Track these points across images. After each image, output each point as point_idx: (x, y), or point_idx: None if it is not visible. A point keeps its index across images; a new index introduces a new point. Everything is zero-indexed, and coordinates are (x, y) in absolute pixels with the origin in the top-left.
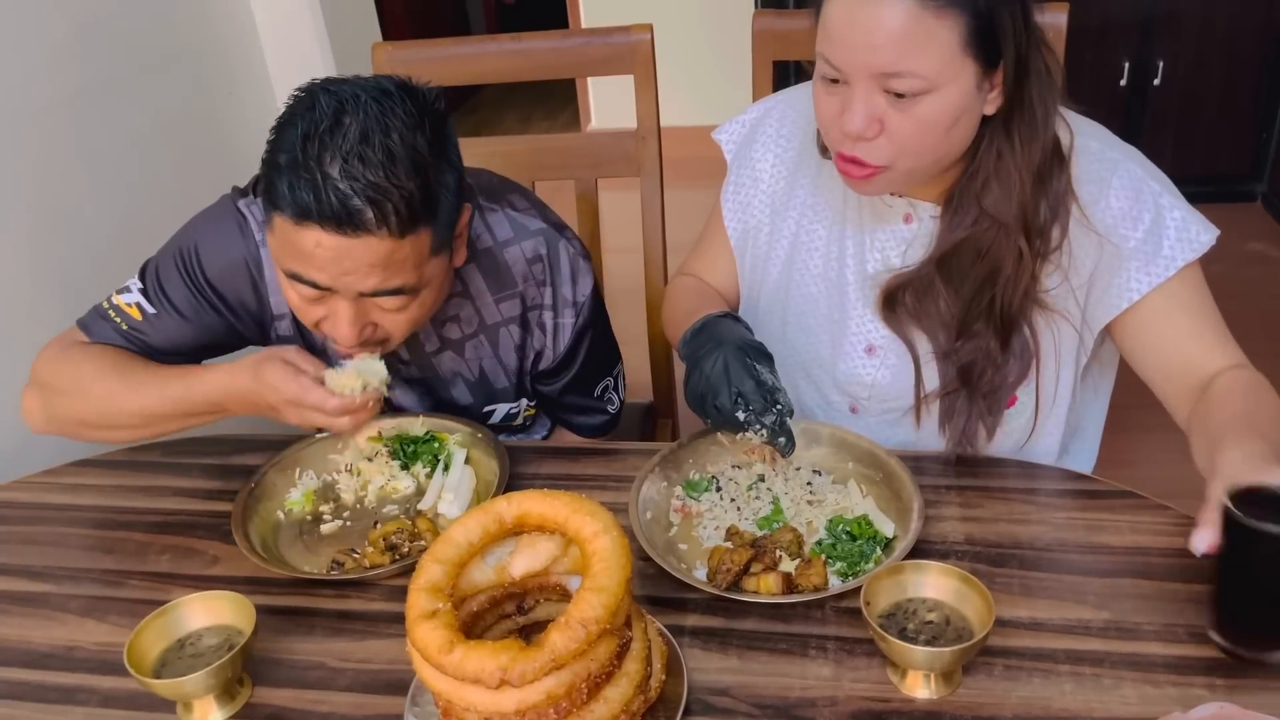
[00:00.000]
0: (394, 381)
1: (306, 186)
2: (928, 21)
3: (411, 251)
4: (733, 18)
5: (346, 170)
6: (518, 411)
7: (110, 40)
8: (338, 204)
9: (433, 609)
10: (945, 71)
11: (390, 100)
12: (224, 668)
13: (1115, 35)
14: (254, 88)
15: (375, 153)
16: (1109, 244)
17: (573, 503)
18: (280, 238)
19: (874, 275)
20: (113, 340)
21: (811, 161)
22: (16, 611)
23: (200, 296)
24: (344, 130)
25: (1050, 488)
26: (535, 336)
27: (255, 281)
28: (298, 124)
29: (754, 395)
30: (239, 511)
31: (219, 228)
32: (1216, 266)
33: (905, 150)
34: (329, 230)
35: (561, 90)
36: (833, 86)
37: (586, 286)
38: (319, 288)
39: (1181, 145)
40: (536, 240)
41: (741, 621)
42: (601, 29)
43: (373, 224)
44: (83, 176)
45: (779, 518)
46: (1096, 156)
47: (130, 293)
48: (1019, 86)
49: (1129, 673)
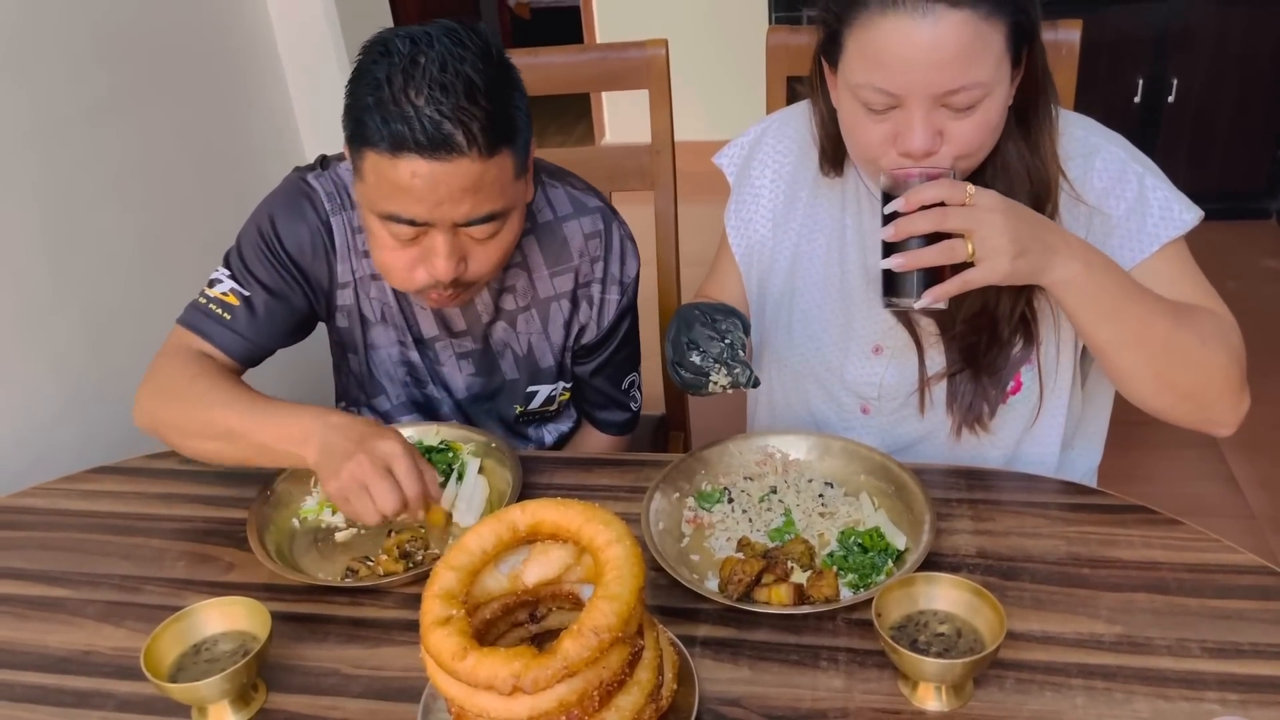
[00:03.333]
0: (446, 356)
1: (398, 118)
2: (982, 29)
3: (498, 174)
4: (747, 33)
5: (433, 98)
6: (555, 394)
7: (130, 53)
8: (432, 129)
9: (446, 616)
10: (997, 74)
11: (459, 35)
12: (239, 673)
13: (1129, 52)
14: (272, 100)
15: (455, 81)
16: (1097, 215)
17: (586, 512)
18: (375, 178)
19: (878, 272)
20: (223, 336)
21: (809, 175)
22: (34, 616)
23: (282, 270)
24: (422, 66)
25: (1062, 501)
26: (582, 310)
27: (326, 250)
28: (376, 67)
29: (702, 337)
30: (255, 518)
31: (290, 204)
32: (1231, 284)
33: (966, 153)
34: (425, 157)
35: (577, 105)
36: (877, 115)
37: (634, 268)
38: (416, 224)
39: (1195, 162)
40: (594, 217)
41: (753, 632)
42: (617, 44)
43: (463, 145)
44: (103, 187)
45: (791, 529)
46: (1082, 141)
47: (221, 282)
48: (1041, 76)
49: (1141, 687)
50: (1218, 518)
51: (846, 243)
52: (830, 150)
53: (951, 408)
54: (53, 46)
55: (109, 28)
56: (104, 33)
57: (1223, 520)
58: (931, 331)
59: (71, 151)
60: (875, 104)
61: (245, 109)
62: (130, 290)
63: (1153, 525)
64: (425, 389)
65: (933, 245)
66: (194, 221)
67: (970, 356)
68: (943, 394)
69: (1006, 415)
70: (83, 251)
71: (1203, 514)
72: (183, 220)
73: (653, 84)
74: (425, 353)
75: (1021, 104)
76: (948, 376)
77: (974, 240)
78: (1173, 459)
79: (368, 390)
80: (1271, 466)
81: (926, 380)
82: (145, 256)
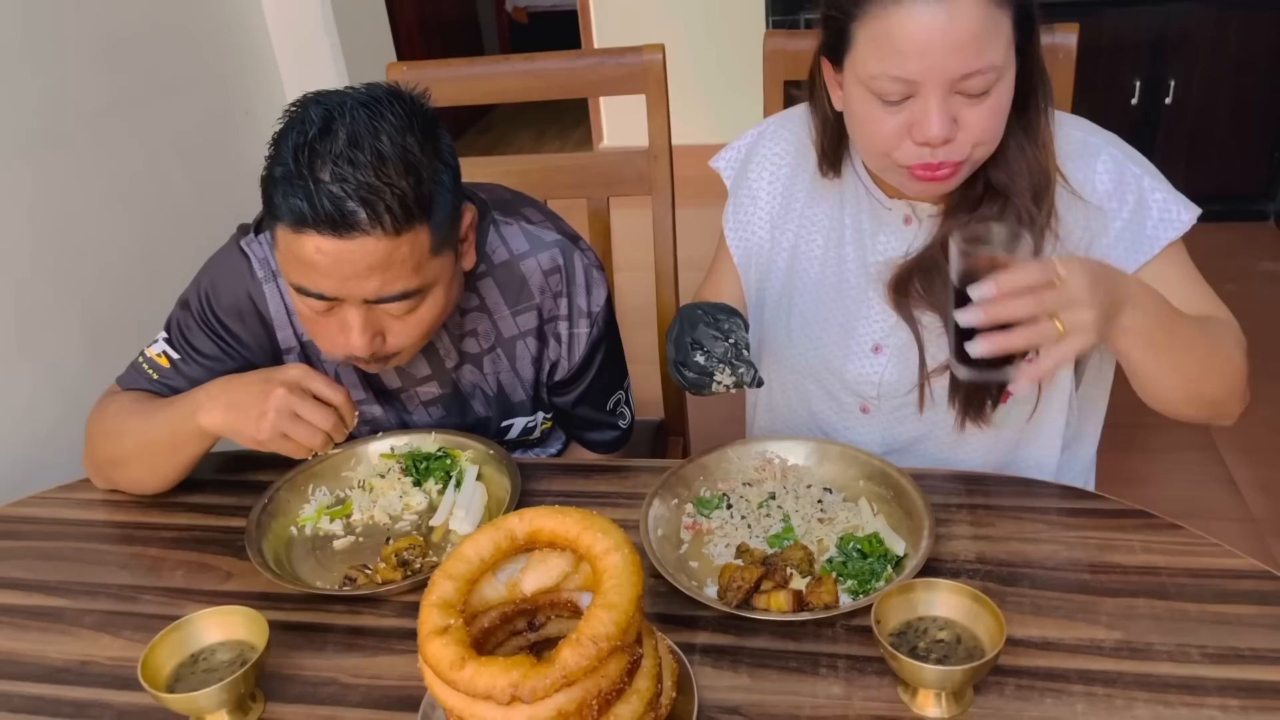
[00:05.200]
0: (414, 405)
1: (300, 194)
2: (993, 13)
3: (410, 251)
4: (744, 37)
5: (337, 173)
6: (534, 425)
7: (129, 62)
8: (331, 207)
9: (444, 625)
10: (1007, 57)
11: (379, 105)
12: (237, 683)
13: (1126, 54)
14: (270, 108)
15: (365, 155)
16: (1098, 215)
17: (584, 519)
18: (284, 250)
19: (878, 271)
20: (156, 388)
21: (806, 175)
22: (32, 626)
23: (216, 338)
24: (333, 136)
25: (1062, 506)
26: (551, 348)
27: (261, 316)
28: (290, 137)
29: (706, 337)
30: (252, 527)
31: (226, 269)
32: (1230, 286)
33: (982, 139)
34: (325, 234)
35: (574, 110)
36: (891, 106)
37: (601, 297)
38: (325, 298)
39: (1193, 164)
40: (552, 252)
41: (752, 639)
42: (614, 49)
43: (366, 224)
44: (101, 196)
45: (789, 535)
46: (1080, 141)
47: (157, 344)
48: (1036, 63)
49: (1141, 693)
50: (1217, 521)
51: (845, 242)
52: (830, 152)
53: (953, 401)
54: (52, 54)
55: (107, 36)
56: (102, 41)
57: (1222, 523)
58: (934, 329)
59: (69, 160)
60: (890, 94)
61: (243, 117)
62: (128, 299)
63: (1152, 530)
64: None
65: (1021, 329)
66: (192, 230)
67: None
68: (943, 393)
69: (1005, 415)
70: (81, 260)
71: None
72: (181, 228)
73: (650, 89)
74: (391, 404)
75: (1020, 96)
76: (949, 370)
77: (1061, 317)
78: (1172, 462)
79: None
80: (1271, 469)
81: (927, 375)
82: (143, 264)
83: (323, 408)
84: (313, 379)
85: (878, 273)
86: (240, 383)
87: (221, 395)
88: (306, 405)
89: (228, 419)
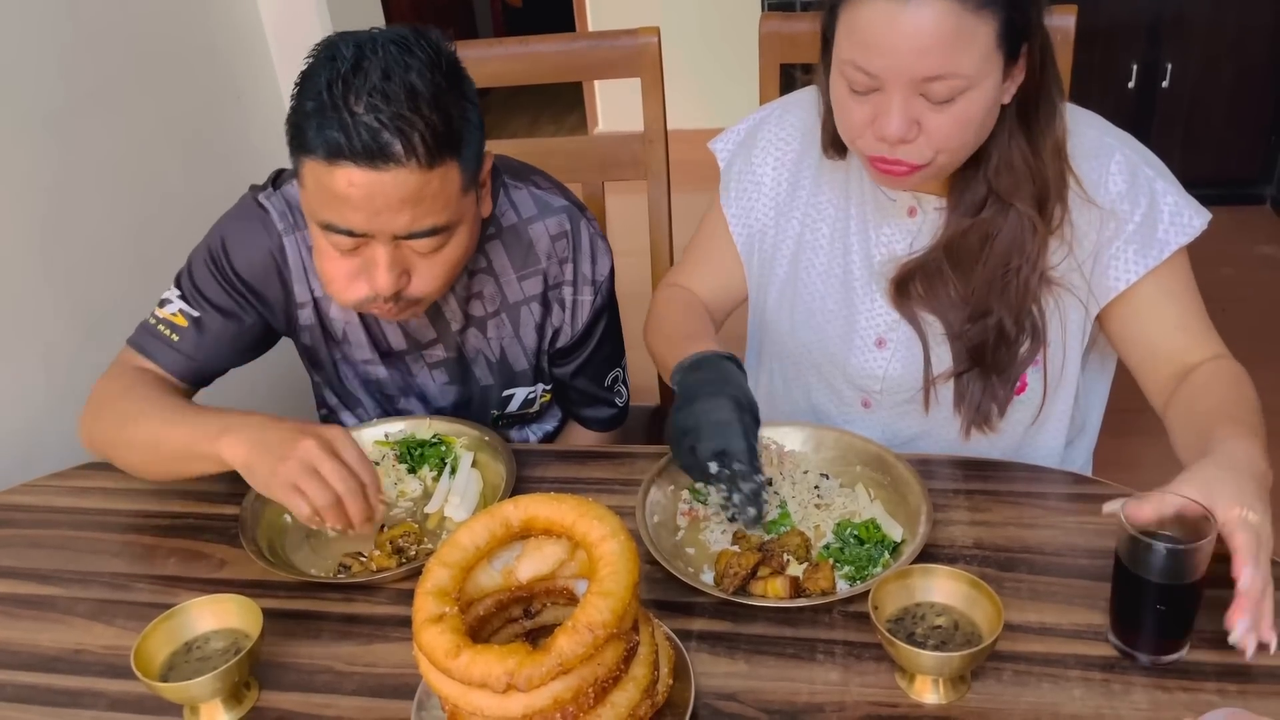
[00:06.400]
0: (419, 368)
1: (335, 125)
2: (968, 21)
3: (441, 186)
4: (740, 20)
5: (372, 105)
6: (534, 397)
7: (117, 45)
8: (367, 137)
9: (439, 613)
10: (983, 69)
11: (408, 43)
12: (231, 671)
13: (1123, 38)
14: (261, 91)
15: (398, 88)
16: (1111, 218)
17: (579, 506)
18: (313, 186)
19: (880, 265)
20: (166, 356)
21: (811, 162)
22: (24, 615)
23: (233, 291)
24: (366, 71)
25: (1059, 492)
26: (554, 314)
27: (280, 269)
28: (321, 72)
29: (743, 457)
30: (246, 515)
31: (242, 224)
32: (1226, 270)
33: (945, 147)
34: (361, 166)
35: (568, 93)
36: (859, 95)
37: (605, 267)
38: (354, 235)
39: (1190, 148)
40: (560, 217)
41: (749, 626)
42: (608, 32)
43: (401, 155)
44: (91, 180)
45: (786, 521)
46: (1095, 141)
47: (171, 303)
48: (1042, 74)
49: (1139, 678)
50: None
51: (850, 233)
52: (835, 131)
53: (959, 408)
54: (39, 39)
55: (96, 20)
56: (91, 25)
57: None
58: (938, 330)
59: (60, 146)
60: (857, 84)
61: (234, 101)
62: (120, 285)
63: None
64: (397, 403)
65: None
66: (184, 216)
67: (978, 356)
68: (948, 393)
69: (1010, 415)
70: (72, 246)
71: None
72: (172, 214)
73: (645, 72)
74: (396, 366)
75: (1022, 102)
76: (954, 376)
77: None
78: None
79: (345, 402)
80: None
81: (932, 379)
82: (135, 251)
83: (348, 474)
84: (347, 447)
85: (880, 269)
86: (273, 425)
87: (250, 430)
88: (330, 464)
89: (250, 456)
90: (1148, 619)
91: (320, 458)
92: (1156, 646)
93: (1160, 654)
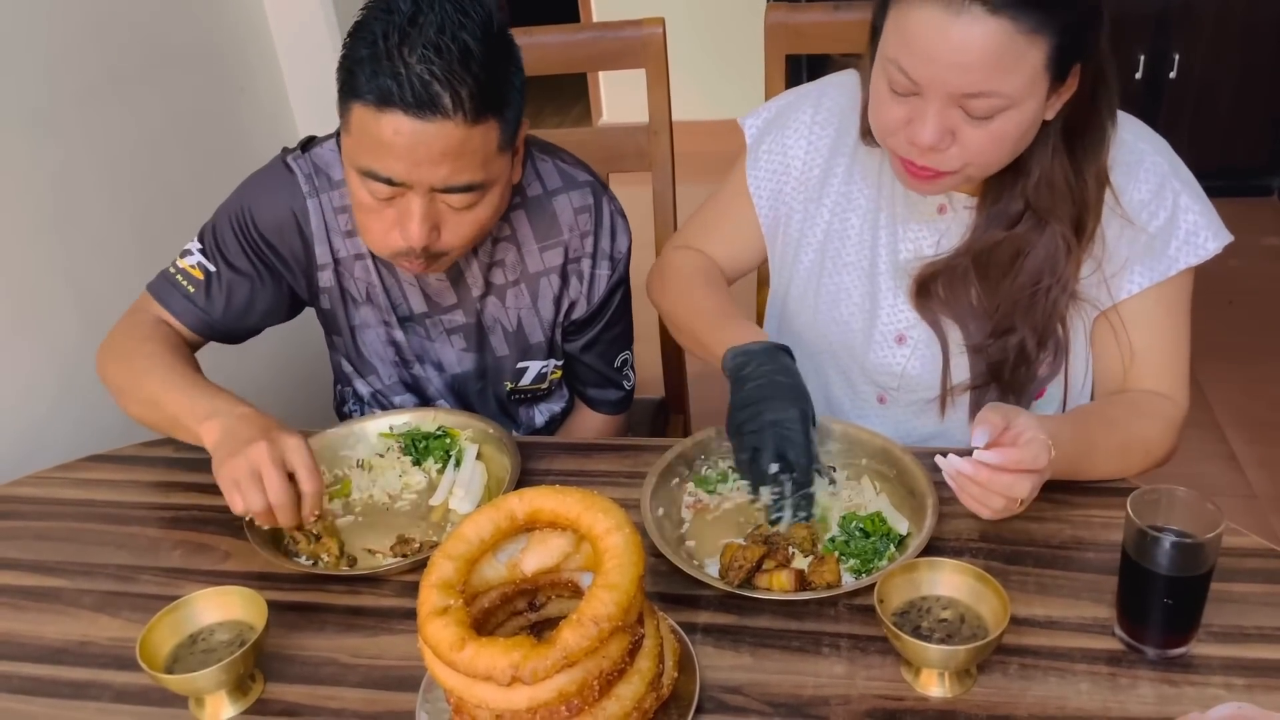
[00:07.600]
0: (437, 333)
1: (389, 73)
2: (1019, 43)
3: (481, 143)
4: (745, 11)
5: (425, 57)
6: (546, 372)
7: (121, 38)
8: (419, 87)
9: (444, 606)
10: (1026, 90)
11: (463, 3)
12: (236, 663)
13: (1131, 27)
14: (266, 84)
15: (452, 44)
16: (1128, 228)
17: (585, 499)
18: (359, 131)
19: (905, 264)
20: (180, 305)
21: (846, 150)
22: (30, 607)
23: (254, 250)
24: (421, 26)
25: (1065, 484)
26: (572, 286)
27: (301, 229)
28: (376, 23)
29: (804, 468)
30: None
31: (268, 183)
32: (1233, 261)
33: (976, 161)
34: (409, 114)
35: (573, 85)
36: (898, 95)
37: (624, 243)
38: (393, 184)
39: (1197, 139)
40: (584, 191)
41: (754, 619)
42: (613, 23)
43: (449, 108)
44: (95, 174)
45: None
46: (1129, 147)
47: (191, 254)
48: (1092, 98)
49: (1146, 672)
50: (1219, 497)
51: (879, 226)
52: None
53: (974, 419)
54: (44, 32)
55: (100, 12)
56: (95, 19)
57: (1224, 500)
58: (957, 338)
59: (64, 138)
60: (898, 84)
61: (237, 93)
62: (125, 277)
63: None
64: (413, 369)
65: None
66: (188, 207)
67: (996, 373)
68: (964, 401)
69: None
70: (77, 238)
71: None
72: (177, 206)
73: (650, 63)
74: (414, 329)
75: (1069, 121)
76: (971, 389)
77: None
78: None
79: (360, 369)
80: (1272, 446)
81: (950, 389)
82: (140, 242)
83: (284, 488)
84: (300, 457)
85: (905, 266)
86: (248, 421)
87: (228, 420)
88: (272, 473)
89: (216, 444)
90: (1154, 612)
91: (266, 464)
92: (1163, 640)
93: (1167, 648)
